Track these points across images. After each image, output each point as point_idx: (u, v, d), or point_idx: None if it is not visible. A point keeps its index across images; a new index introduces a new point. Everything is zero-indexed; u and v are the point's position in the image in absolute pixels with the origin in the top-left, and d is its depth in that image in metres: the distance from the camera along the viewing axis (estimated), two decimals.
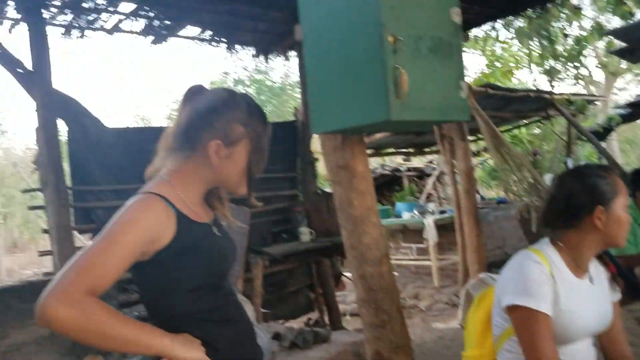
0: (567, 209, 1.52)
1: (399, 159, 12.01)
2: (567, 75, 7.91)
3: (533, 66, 7.61)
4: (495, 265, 7.03)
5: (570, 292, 1.49)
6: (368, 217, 2.23)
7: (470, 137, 5.53)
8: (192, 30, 4.67)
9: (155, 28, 4.37)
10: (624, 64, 11.85)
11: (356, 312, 5.76)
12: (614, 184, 1.52)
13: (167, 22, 4.35)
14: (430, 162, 11.67)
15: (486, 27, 5.25)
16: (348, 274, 5.30)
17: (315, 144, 4.22)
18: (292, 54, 5.44)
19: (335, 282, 5.14)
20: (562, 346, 1.47)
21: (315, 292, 5.09)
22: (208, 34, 4.78)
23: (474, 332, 1.70)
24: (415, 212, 7.53)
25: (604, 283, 1.64)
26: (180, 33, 4.59)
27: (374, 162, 11.59)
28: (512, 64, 9.46)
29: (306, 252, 4.51)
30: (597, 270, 1.64)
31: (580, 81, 8.56)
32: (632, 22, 7.09)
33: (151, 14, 4.18)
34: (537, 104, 7.02)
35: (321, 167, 5.37)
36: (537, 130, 10.17)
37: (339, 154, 2.28)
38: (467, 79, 2.09)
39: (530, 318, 1.42)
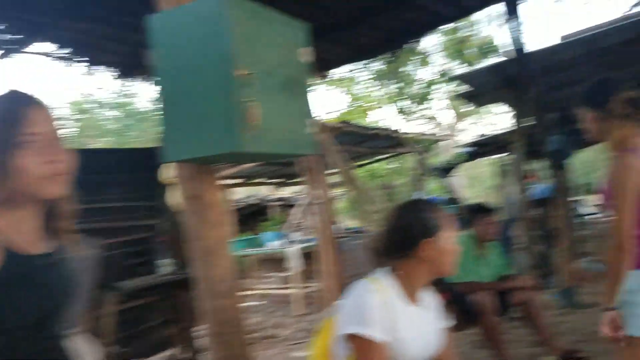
0: (401, 239, 1.63)
1: (268, 189, 12.10)
2: (419, 115, 8.69)
3: (389, 105, 8.23)
4: None
5: (403, 319, 1.57)
6: (219, 248, 2.21)
7: (333, 170, 5.79)
8: (49, 46, 4.35)
9: (4, 42, 4.01)
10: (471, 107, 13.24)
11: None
12: (440, 218, 1.64)
13: (19, 36, 4.02)
14: (298, 192, 11.92)
15: (348, 67, 5.60)
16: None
17: (165, 172, 4.11)
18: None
19: (193, 316, 4.98)
20: None
21: (173, 326, 4.87)
22: (67, 51, 4.48)
23: None
24: (281, 240, 7.63)
25: (436, 310, 1.75)
26: (36, 49, 4.25)
27: (243, 192, 11.56)
28: (370, 103, 10.11)
29: (165, 285, 4.31)
30: (430, 298, 1.74)
31: (432, 120, 9.43)
32: (475, 69, 8.00)
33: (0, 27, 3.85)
34: (390, 142, 7.58)
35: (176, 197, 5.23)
36: (394, 165, 10.95)
37: (191, 184, 2.25)
38: (330, 116, 2.22)
39: (367, 346, 1.48)
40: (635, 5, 6.35)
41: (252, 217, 10.88)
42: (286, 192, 12.23)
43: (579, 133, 4.77)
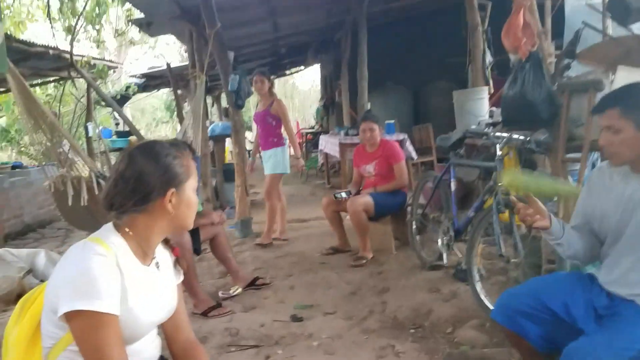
0: (137, 190, 1.35)
1: None
2: (87, 37, 7.74)
3: (52, 21, 7.03)
4: (11, 236, 6.35)
5: (138, 283, 1.35)
6: None
7: None
8: None
9: None
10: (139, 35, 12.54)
11: None
12: (187, 164, 1.43)
13: None
14: None
15: None
16: None
17: None
18: None
19: None
20: (128, 345, 1.33)
21: None
22: None
23: (17, 347, 1.34)
24: None
25: (170, 267, 1.56)
26: None
27: None
28: (24, 15, 8.47)
29: None
30: (162, 254, 1.54)
31: (101, 45, 8.49)
32: None
33: None
34: (57, 63, 6.60)
35: None
36: (52, 91, 9.63)
37: None
38: None
39: (95, 323, 1.21)
40: None
41: None
42: None
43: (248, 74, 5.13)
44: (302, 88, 31.52)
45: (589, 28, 3.17)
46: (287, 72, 17.26)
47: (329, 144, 8.06)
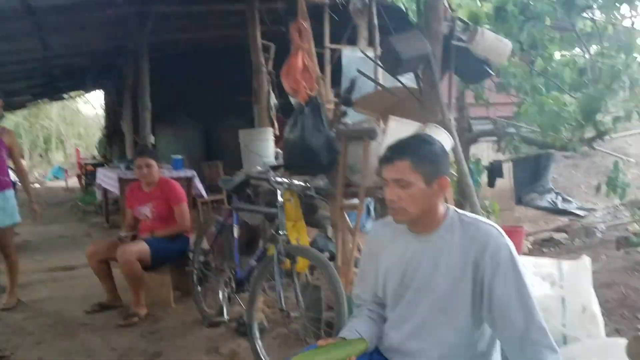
0: None
1: None
2: None
3: None
4: None
5: None
6: None
7: None
8: None
9: None
10: None
11: None
12: None
13: None
14: None
15: None
16: None
17: None
18: None
19: None
20: None
21: None
22: None
23: None
24: None
25: None
26: None
27: None
28: None
29: None
30: None
31: None
32: None
33: None
34: None
35: None
36: None
37: None
38: None
39: None
40: None
41: None
42: None
43: None
44: (88, 114, 28.64)
45: (364, 77, 3.28)
46: (65, 95, 15.47)
47: (107, 178, 7.23)
